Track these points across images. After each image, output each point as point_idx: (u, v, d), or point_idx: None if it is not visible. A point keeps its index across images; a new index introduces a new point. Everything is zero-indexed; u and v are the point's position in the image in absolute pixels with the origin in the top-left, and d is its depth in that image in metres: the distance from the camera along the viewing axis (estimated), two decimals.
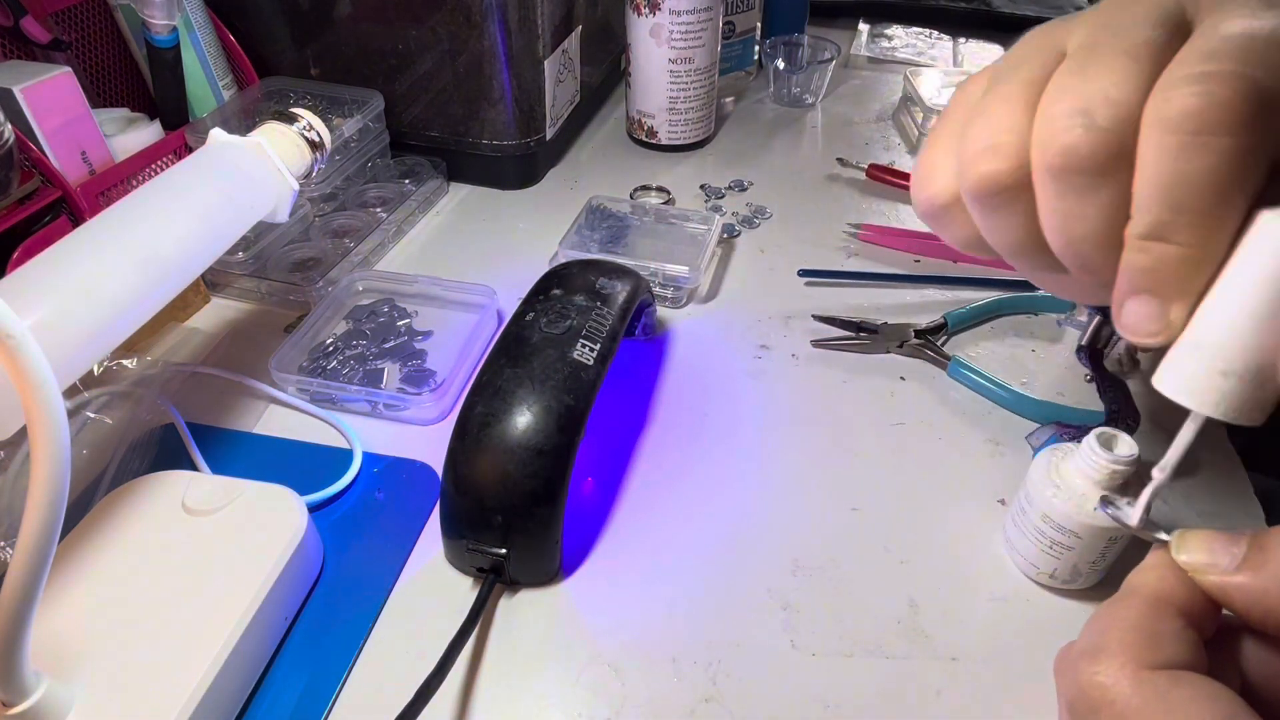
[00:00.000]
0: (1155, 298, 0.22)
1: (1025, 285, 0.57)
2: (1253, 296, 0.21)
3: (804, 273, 0.59)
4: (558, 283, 0.45)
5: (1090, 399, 0.49)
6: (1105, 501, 0.27)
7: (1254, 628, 0.23)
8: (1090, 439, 0.35)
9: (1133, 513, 0.26)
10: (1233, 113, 0.21)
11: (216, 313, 0.57)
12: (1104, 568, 0.38)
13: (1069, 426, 0.45)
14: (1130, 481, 0.35)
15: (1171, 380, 0.22)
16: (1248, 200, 0.22)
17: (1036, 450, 0.45)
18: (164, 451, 0.45)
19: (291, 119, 0.45)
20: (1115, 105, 0.22)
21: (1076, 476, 0.36)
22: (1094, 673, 0.21)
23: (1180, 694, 0.20)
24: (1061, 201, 0.23)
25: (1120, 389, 0.46)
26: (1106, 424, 0.44)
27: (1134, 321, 0.23)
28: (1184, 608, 0.22)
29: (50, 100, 0.51)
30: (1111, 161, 0.22)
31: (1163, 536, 0.24)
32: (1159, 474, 0.25)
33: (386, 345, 0.52)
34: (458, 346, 0.52)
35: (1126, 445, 0.35)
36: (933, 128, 0.29)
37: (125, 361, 0.49)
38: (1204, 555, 0.23)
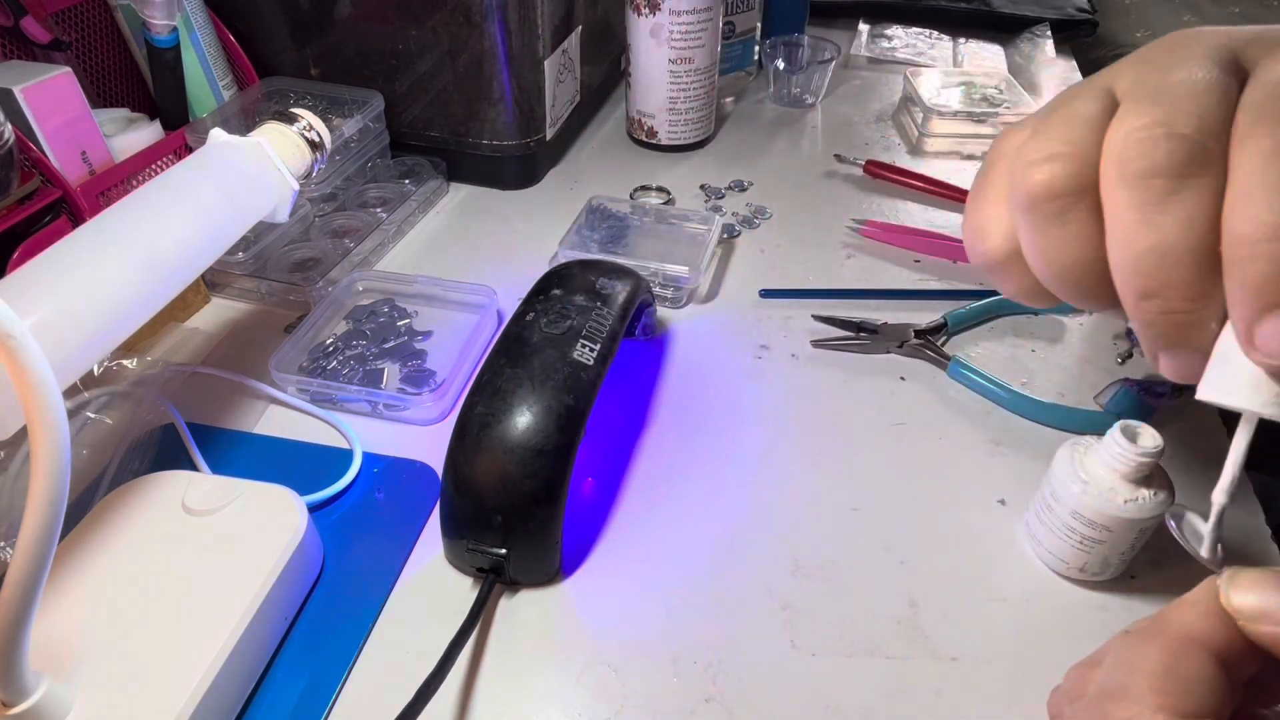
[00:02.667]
0: None
1: None
2: None
3: (765, 293, 0.57)
4: (558, 283, 0.45)
5: (1088, 400, 0.49)
6: (1174, 517, 0.26)
7: None
8: (1115, 432, 0.35)
9: (1203, 546, 0.25)
10: None
11: (216, 313, 0.57)
12: (1130, 558, 0.38)
13: (1135, 381, 0.46)
14: (1154, 474, 0.36)
15: (1218, 385, 0.21)
16: None
17: (1106, 406, 0.46)
18: (164, 451, 0.45)
19: (291, 119, 0.45)
20: (1198, 118, 0.21)
21: (1102, 470, 0.36)
22: (1121, 718, 0.20)
23: None
24: (1137, 211, 0.21)
25: None
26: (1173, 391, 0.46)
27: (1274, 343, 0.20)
28: (1221, 651, 0.21)
29: (50, 100, 0.51)
30: (1196, 166, 0.21)
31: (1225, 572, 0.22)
32: (1220, 498, 0.23)
33: (386, 345, 0.52)
34: (458, 346, 0.52)
35: (1151, 437, 0.35)
36: (975, 184, 0.27)
37: (125, 361, 0.49)
38: (1255, 600, 0.21)
